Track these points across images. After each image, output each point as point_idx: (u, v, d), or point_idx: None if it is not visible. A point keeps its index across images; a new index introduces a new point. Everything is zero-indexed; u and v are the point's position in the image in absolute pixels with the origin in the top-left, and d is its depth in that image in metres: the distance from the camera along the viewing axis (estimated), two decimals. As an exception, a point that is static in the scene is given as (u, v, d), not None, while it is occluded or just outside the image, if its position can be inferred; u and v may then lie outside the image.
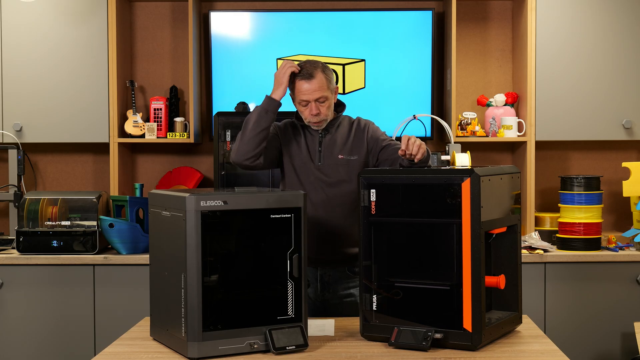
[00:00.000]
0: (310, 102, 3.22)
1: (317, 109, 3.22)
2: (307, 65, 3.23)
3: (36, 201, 4.19)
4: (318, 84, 3.20)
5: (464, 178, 2.51)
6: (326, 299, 3.33)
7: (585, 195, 4.21)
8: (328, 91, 3.23)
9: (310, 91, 3.20)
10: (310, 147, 3.31)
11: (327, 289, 3.32)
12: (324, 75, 3.22)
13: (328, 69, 3.27)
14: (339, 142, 3.31)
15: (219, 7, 4.84)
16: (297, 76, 3.22)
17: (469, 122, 4.61)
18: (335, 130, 3.33)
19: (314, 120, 3.25)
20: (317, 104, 3.22)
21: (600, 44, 4.48)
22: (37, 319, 4.15)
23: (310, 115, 3.24)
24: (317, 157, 3.28)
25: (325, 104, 3.24)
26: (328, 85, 3.23)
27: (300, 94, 3.22)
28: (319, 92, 3.20)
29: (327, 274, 3.31)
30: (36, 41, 4.51)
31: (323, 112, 3.24)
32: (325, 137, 3.31)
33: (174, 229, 2.52)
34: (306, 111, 3.25)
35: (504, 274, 2.71)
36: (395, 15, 4.72)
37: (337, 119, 3.35)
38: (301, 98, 3.23)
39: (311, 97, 3.21)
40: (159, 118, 4.64)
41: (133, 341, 2.73)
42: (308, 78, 3.20)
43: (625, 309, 4.15)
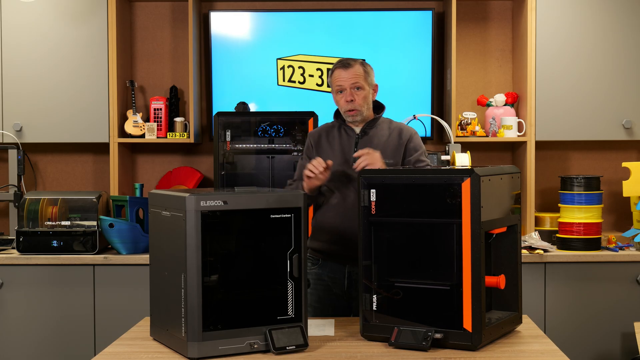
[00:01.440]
0: (345, 88, 3.27)
1: (352, 95, 3.27)
2: (346, 58, 3.34)
3: (36, 201, 4.19)
4: (354, 72, 3.28)
5: (464, 178, 2.51)
6: (353, 296, 3.33)
7: (585, 195, 4.21)
8: (365, 82, 3.30)
9: (346, 78, 3.27)
10: (345, 149, 3.34)
11: (353, 286, 3.33)
12: (363, 68, 3.31)
13: (369, 66, 3.35)
14: (376, 143, 3.32)
15: (219, 7, 4.84)
16: (335, 66, 3.32)
17: (469, 122, 4.61)
18: (373, 132, 3.34)
19: (349, 107, 3.28)
20: (352, 91, 3.27)
21: (600, 44, 4.48)
22: (37, 319, 4.15)
23: (345, 103, 3.28)
24: (353, 158, 3.28)
25: (361, 93, 3.28)
26: (365, 77, 3.30)
27: (336, 80, 3.30)
28: (354, 79, 3.27)
29: (355, 272, 3.31)
30: (36, 41, 4.51)
31: (357, 100, 3.28)
32: (363, 137, 3.34)
33: (174, 229, 2.52)
34: (342, 99, 3.30)
35: (504, 274, 2.71)
36: (395, 15, 4.72)
37: (375, 119, 3.37)
38: (337, 84, 3.29)
39: (346, 84, 3.27)
40: (159, 118, 4.64)
41: (133, 341, 2.73)
42: (345, 66, 3.29)
43: (625, 309, 4.15)
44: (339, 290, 3.34)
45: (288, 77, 4.74)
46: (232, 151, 4.35)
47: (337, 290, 3.34)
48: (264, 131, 4.38)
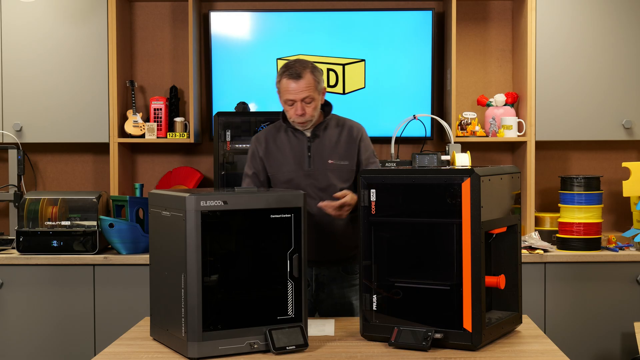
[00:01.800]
0: (296, 101, 3.18)
1: (303, 109, 3.18)
2: (296, 65, 3.19)
3: (36, 201, 4.19)
4: (305, 84, 3.16)
5: (464, 178, 2.51)
6: (321, 299, 3.34)
7: (585, 195, 4.20)
8: (315, 92, 3.20)
9: (297, 91, 3.16)
10: (297, 153, 3.28)
11: (322, 289, 3.34)
12: (313, 76, 3.19)
13: (317, 70, 3.23)
14: (328, 147, 3.29)
15: (219, 7, 4.84)
16: (284, 74, 3.18)
17: (469, 122, 4.61)
18: (324, 134, 3.30)
19: (299, 120, 3.22)
20: (303, 104, 3.18)
21: (600, 44, 4.48)
22: (37, 319, 4.15)
23: (296, 115, 3.20)
24: (307, 162, 3.26)
25: (312, 104, 3.20)
26: (316, 86, 3.20)
27: (286, 92, 3.18)
28: (306, 92, 3.16)
29: (322, 274, 3.32)
30: (36, 41, 4.51)
31: (309, 112, 3.20)
32: (314, 141, 3.28)
33: (174, 229, 2.52)
34: (291, 110, 3.21)
35: (504, 274, 2.71)
36: (395, 15, 4.72)
37: (324, 121, 3.33)
38: (287, 97, 3.18)
39: (297, 97, 3.17)
40: (159, 118, 4.64)
41: (133, 341, 2.73)
42: (296, 78, 3.16)
43: (625, 309, 4.15)
44: (308, 295, 3.32)
45: (288, 77, 4.74)
46: (232, 151, 4.35)
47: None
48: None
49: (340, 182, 3.27)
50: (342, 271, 3.35)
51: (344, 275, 3.35)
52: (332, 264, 3.32)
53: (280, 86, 3.21)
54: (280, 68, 3.24)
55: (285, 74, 3.18)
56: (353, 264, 3.38)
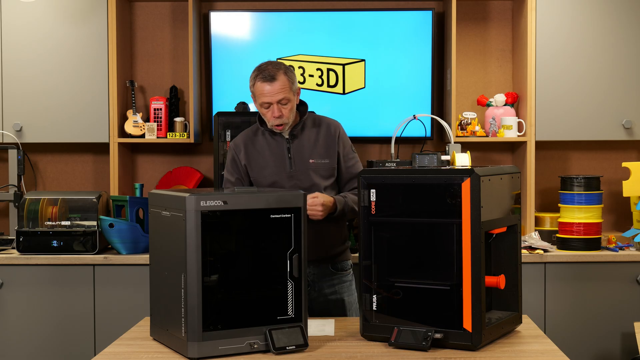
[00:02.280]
0: (272, 104, 3.17)
1: (280, 111, 3.18)
2: (269, 67, 3.18)
3: (36, 201, 4.19)
4: (280, 86, 3.15)
5: (464, 178, 2.51)
6: (312, 297, 3.34)
7: (585, 195, 4.20)
8: (290, 93, 3.19)
9: (272, 93, 3.15)
10: (278, 156, 3.29)
11: (312, 287, 3.34)
12: (287, 77, 3.18)
13: (290, 71, 3.23)
14: (307, 146, 3.29)
15: (219, 7, 4.84)
16: (257, 77, 3.17)
17: (469, 122, 4.61)
18: (302, 134, 3.31)
19: (276, 123, 3.21)
20: (280, 106, 3.18)
21: (600, 44, 4.48)
22: (37, 319, 4.15)
23: (273, 118, 3.20)
24: (288, 164, 3.27)
25: (288, 106, 3.20)
26: (290, 87, 3.19)
27: (262, 95, 3.17)
28: (281, 93, 3.16)
29: (312, 273, 3.33)
30: (36, 41, 4.51)
31: (285, 114, 3.20)
32: (293, 142, 3.29)
33: (174, 229, 2.52)
34: (268, 113, 3.21)
35: (504, 274, 2.71)
36: (395, 15, 4.72)
37: (300, 121, 3.32)
38: (263, 100, 3.17)
39: (273, 99, 3.16)
40: (159, 118, 4.64)
41: (133, 341, 2.73)
42: (270, 80, 3.15)
43: (625, 309, 4.15)
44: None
45: (288, 77, 4.74)
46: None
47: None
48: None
49: (323, 181, 3.28)
50: (332, 268, 3.37)
51: (334, 272, 3.37)
52: (320, 262, 3.33)
53: (254, 90, 3.20)
54: (252, 72, 3.23)
55: (259, 77, 3.17)
56: (342, 260, 3.40)
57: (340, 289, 3.38)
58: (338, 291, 3.37)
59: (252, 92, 3.22)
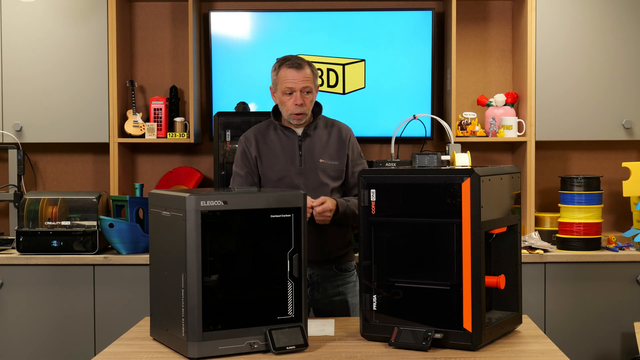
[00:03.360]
0: (296, 90, 3.19)
1: (302, 99, 3.20)
2: (295, 57, 3.23)
3: (36, 201, 4.19)
4: (305, 75, 3.19)
5: (464, 178, 2.51)
6: (316, 298, 3.34)
7: (585, 195, 4.20)
8: (313, 85, 3.23)
9: (298, 80, 3.18)
10: (289, 152, 3.29)
11: (316, 288, 3.34)
12: (311, 69, 3.23)
13: (314, 67, 3.28)
14: (319, 146, 3.30)
15: (219, 7, 4.84)
16: (284, 64, 3.20)
17: (469, 122, 4.61)
18: (314, 133, 3.32)
19: (297, 111, 3.21)
20: (302, 95, 3.20)
21: (600, 44, 4.48)
22: (37, 319, 4.15)
23: (294, 106, 3.20)
24: (298, 161, 3.27)
25: (309, 97, 3.23)
26: (314, 80, 3.24)
27: (286, 81, 3.18)
28: (306, 82, 3.19)
29: (316, 274, 3.33)
30: (36, 41, 4.51)
31: (307, 104, 3.22)
32: (305, 140, 3.29)
33: (174, 229, 2.52)
34: (289, 101, 3.21)
35: (504, 274, 2.71)
36: (395, 15, 4.72)
37: (314, 121, 3.33)
38: (287, 85, 3.18)
39: (297, 86, 3.18)
40: (159, 118, 4.64)
41: (133, 341, 2.73)
42: (297, 67, 3.19)
43: (625, 309, 4.15)
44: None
45: (288, 77, 4.74)
46: (232, 151, 4.35)
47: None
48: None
49: (331, 181, 3.29)
50: (336, 269, 3.37)
51: (338, 273, 3.37)
52: (324, 263, 3.33)
53: (278, 77, 3.22)
54: (276, 62, 3.25)
55: (285, 64, 3.21)
56: (346, 261, 3.40)
57: (344, 290, 3.37)
58: (342, 292, 3.37)
59: (275, 80, 3.24)
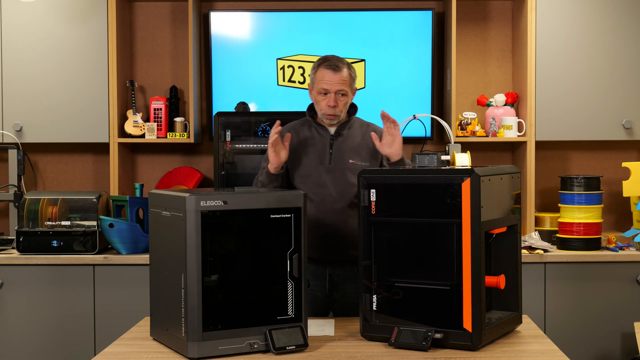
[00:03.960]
0: (330, 92, 3.21)
1: (335, 101, 3.21)
2: (335, 58, 3.24)
3: (36, 201, 4.19)
4: (342, 77, 3.20)
5: (464, 178, 2.51)
6: (335, 298, 3.33)
7: (585, 195, 4.20)
8: (349, 88, 3.24)
9: (333, 82, 3.20)
10: (319, 149, 3.29)
11: (335, 288, 3.32)
12: (349, 72, 3.24)
13: (353, 69, 3.29)
14: (350, 147, 3.29)
15: (219, 7, 4.84)
16: (322, 65, 3.22)
17: (469, 122, 4.61)
18: (347, 133, 3.31)
19: (329, 112, 3.23)
20: (336, 97, 3.21)
21: (600, 44, 4.48)
22: (37, 319, 4.15)
23: (327, 107, 3.22)
24: (328, 159, 3.27)
25: (343, 99, 3.24)
26: (350, 83, 3.25)
27: (322, 82, 3.21)
28: (341, 84, 3.20)
29: (336, 274, 3.31)
30: (36, 41, 4.51)
31: (340, 107, 3.23)
32: (337, 139, 3.30)
33: (174, 229, 2.52)
34: (323, 102, 3.23)
35: (504, 274, 2.71)
36: (395, 15, 4.72)
37: (348, 121, 3.34)
38: (322, 86, 3.21)
39: (332, 88, 3.20)
40: (159, 118, 4.64)
41: (133, 341, 2.73)
42: (334, 69, 3.20)
43: (625, 309, 4.15)
44: (321, 294, 3.32)
45: (288, 77, 4.75)
46: (232, 151, 4.35)
47: (318, 294, 3.33)
48: (263, 131, 4.39)
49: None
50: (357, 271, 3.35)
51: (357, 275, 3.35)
52: (346, 264, 3.31)
53: (315, 76, 3.24)
54: (316, 61, 3.27)
55: (323, 64, 3.22)
56: None
57: None
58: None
59: (312, 79, 3.26)
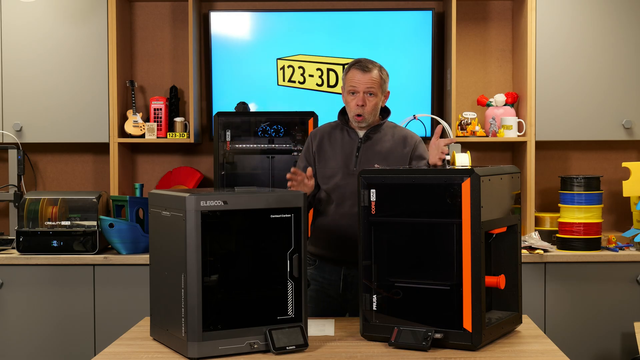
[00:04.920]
0: (358, 92, 3.22)
1: (363, 101, 3.23)
2: (367, 60, 3.27)
3: (36, 201, 4.19)
4: (371, 78, 3.22)
5: (464, 178, 2.51)
6: (348, 298, 3.33)
7: (585, 195, 4.20)
8: (379, 89, 3.25)
9: (362, 82, 3.22)
10: (347, 152, 3.30)
11: (349, 289, 3.32)
12: (380, 74, 3.26)
13: (385, 72, 3.30)
14: (378, 151, 3.29)
15: (219, 7, 4.84)
16: (353, 66, 3.25)
17: (469, 122, 4.61)
18: (376, 137, 3.31)
19: (358, 112, 3.24)
20: (365, 96, 3.23)
21: (600, 44, 4.48)
22: (37, 319, 4.15)
23: (356, 106, 3.24)
24: (354, 162, 3.27)
25: (373, 100, 3.24)
26: (381, 84, 3.26)
27: (351, 81, 3.24)
28: (370, 84, 3.22)
29: (351, 275, 3.31)
30: (36, 41, 4.51)
31: (368, 107, 3.24)
32: (365, 142, 3.30)
33: (174, 229, 2.52)
34: (352, 101, 3.25)
35: (504, 274, 2.71)
36: (395, 15, 4.72)
37: (380, 124, 3.34)
38: (351, 84, 3.23)
39: (361, 88, 3.22)
40: (159, 118, 4.64)
41: (133, 341, 2.73)
42: (363, 70, 3.23)
43: (625, 309, 4.15)
44: (334, 293, 3.33)
45: (288, 77, 4.75)
46: (232, 151, 4.35)
47: (332, 293, 3.33)
48: (264, 131, 4.39)
49: None
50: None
51: None
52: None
53: (346, 77, 3.27)
54: (350, 62, 3.30)
55: (354, 65, 3.26)
56: None
57: None
58: None
59: (344, 81, 3.29)
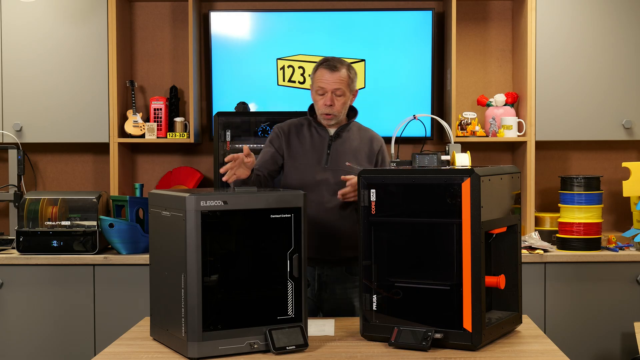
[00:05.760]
0: (327, 92, 3.24)
1: (332, 100, 3.24)
2: (334, 59, 3.28)
3: (36, 201, 4.19)
4: (339, 77, 3.24)
5: (464, 178, 2.51)
6: (323, 298, 3.33)
7: (585, 195, 4.20)
8: (347, 88, 3.27)
9: (330, 81, 3.23)
10: (317, 149, 3.31)
11: (324, 288, 3.33)
12: (348, 73, 3.27)
13: (354, 71, 3.31)
14: (347, 149, 3.32)
15: (219, 7, 4.84)
16: (320, 65, 3.26)
17: (469, 122, 4.61)
18: (346, 135, 3.34)
19: (326, 111, 3.26)
20: (333, 96, 3.24)
21: (600, 44, 4.48)
22: (37, 319, 4.15)
23: (324, 106, 3.25)
24: (325, 159, 3.28)
25: (341, 99, 3.26)
26: (349, 83, 3.27)
27: (319, 81, 3.25)
28: (338, 84, 3.23)
29: (325, 274, 3.32)
30: (36, 41, 4.51)
31: (337, 106, 3.26)
32: (336, 140, 3.32)
33: (174, 229, 2.52)
34: (320, 101, 3.27)
35: (504, 274, 2.71)
36: (395, 15, 4.72)
37: (348, 124, 3.36)
38: (319, 85, 3.25)
39: (329, 87, 3.24)
40: (159, 118, 4.64)
41: (133, 341, 2.73)
42: (331, 69, 3.24)
43: (625, 309, 4.15)
44: (310, 294, 3.32)
45: (288, 77, 4.75)
46: (232, 151, 4.35)
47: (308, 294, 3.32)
48: (264, 131, 4.39)
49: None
50: (346, 272, 3.35)
51: (348, 275, 3.35)
52: (335, 264, 3.32)
53: (314, 76, 3.28)
54: (318, 61, 3.31)
55: (322, 65, 3.27)
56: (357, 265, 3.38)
57: (352, 293, 3.36)
58: (349, 295, 3.36)
59: (312, 79, 3.31)
